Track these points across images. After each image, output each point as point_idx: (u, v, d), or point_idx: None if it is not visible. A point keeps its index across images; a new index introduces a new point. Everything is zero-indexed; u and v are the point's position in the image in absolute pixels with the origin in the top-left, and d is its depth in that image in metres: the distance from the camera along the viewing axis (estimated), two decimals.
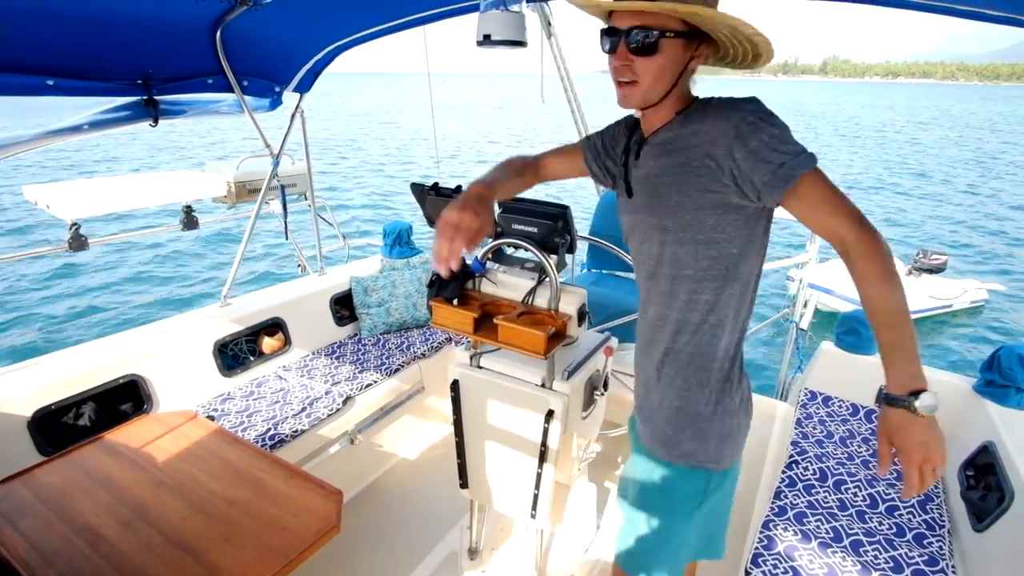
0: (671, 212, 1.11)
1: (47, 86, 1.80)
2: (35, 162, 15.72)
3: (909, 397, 0.94)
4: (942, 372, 2.54)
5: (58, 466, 1.66)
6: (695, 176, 1.07)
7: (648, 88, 1.06)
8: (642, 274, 1.25)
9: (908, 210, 16.66)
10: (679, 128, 1.11)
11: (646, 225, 1.17)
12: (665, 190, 1.11)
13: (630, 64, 1.04)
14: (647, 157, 1.16)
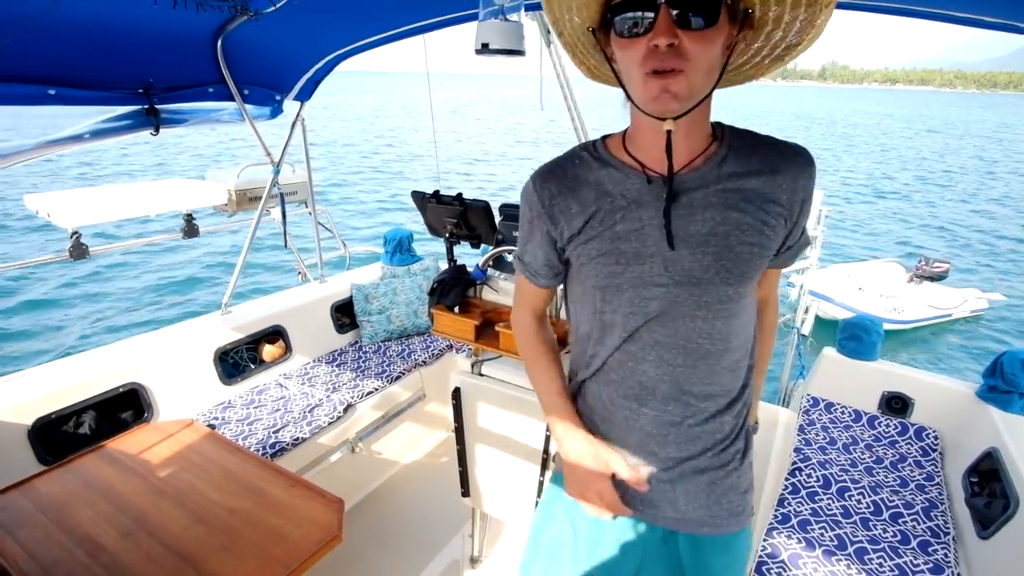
0: (751, 279, 0.92)
1: (48, 95, 1.81)
2: (32, 172, 15.77)
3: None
4: (944, 378, 2.53)
5: (58, 476, 1.66)
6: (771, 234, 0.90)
7: (698, 79, 0.78)
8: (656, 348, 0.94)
9: (910, 217, 16.66)
10: (738, 168, 0.89)
11: (708, 296, 0.90)
12: (746, 252, 0.88)
13: (677, 43, 0.75)
14: (696, 204, 0.88)
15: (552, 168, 0.97)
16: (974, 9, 1.38)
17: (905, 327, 8.34)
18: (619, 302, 0.93)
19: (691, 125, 0.85)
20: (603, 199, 0.92)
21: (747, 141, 0.91)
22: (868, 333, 2.63)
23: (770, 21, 0.79)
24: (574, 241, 0.95)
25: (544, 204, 0.96)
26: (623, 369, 0.97)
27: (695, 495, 1.01)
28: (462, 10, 1.99)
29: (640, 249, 0.89)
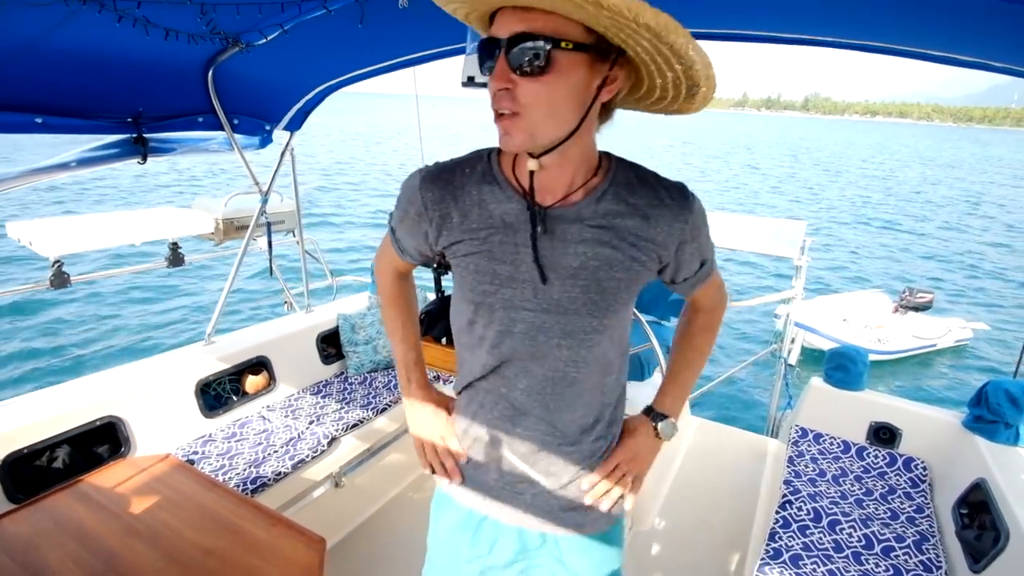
0: (617, 312, 0.95)
1: (35, 123, 1.80)
2: (16, 199, 15.61)
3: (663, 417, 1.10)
4: (931, 408, 2.54)
5: (27, 515, 1.59)
6: (640, 271, 0.93)
7: (538, 123, 0.79)
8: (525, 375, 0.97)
9: (895, 247, 16.94)
10: (614, 205, 0.90)
11: (573, 327, 0.93)
12: (613, 287, 0.91)
13: (511, 87, 0.76)
14: (569, 238, 0.90)
15: (441, 172, 0.96)
16: (949, 48, 1.42)
17: (890, 358, 8.39)
18: (490, 319, 0.96)
19: (562, 161, 0.87)
20: (484, 217, 0.93)
21: (629, 177, 0.93)
22: (854, 363, 2.64)
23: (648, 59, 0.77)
24: (452, 249, 0.97)
25: (426, 206, 0.96)
26: (496, 393, 1.01)
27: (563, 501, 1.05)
28: (450, 44, 2.03)
29: (513, 273, 0.92)
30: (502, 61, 0.76)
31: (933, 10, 1.16)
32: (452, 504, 1.12)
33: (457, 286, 1.02)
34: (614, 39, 0.75)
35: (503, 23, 0.75)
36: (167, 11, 1.44)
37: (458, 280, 1.01)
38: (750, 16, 1.51)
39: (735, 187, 27.75)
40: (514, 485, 1.04)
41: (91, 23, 1.41)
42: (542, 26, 0.73)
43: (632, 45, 0.75)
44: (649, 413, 1.11)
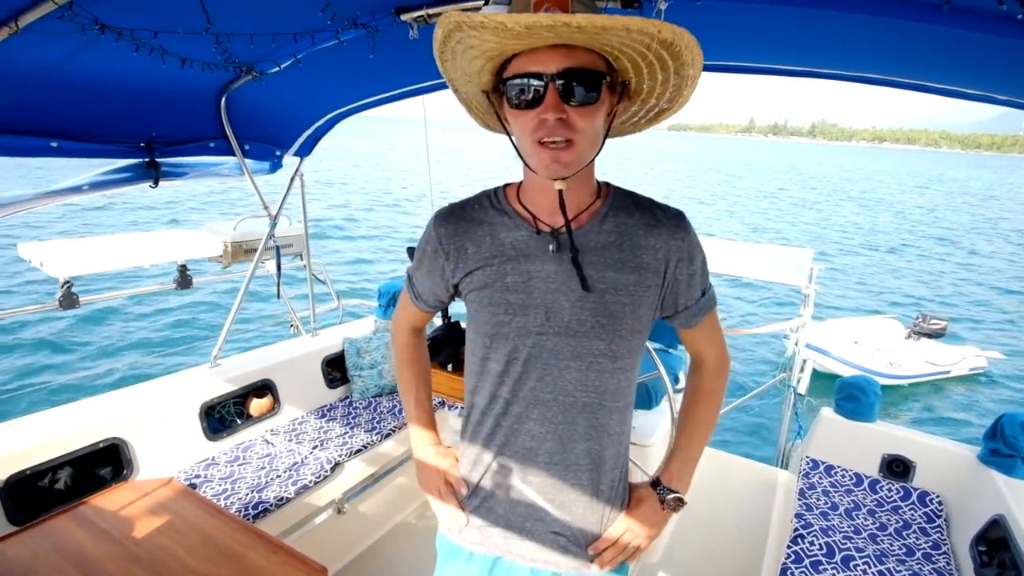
0: (625, 338, 0.96)
1: (51, 148, 1.83)
2: (25, 222, 15.85)
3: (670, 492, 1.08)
4: (945, 440, 2.49)
5: (27, 538, 1.58)
6: (645, 295, 0.96)
7: (585, 149, 0.86)
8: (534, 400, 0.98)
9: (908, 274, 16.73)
10: (616, 228, 0.95)
11: (582, 349, 0.95)
12: (619, 311, 0.94)
13: (565, 116, 0.82)
14: (581, 261, 0.93)
15: (453, 210, 1.03)
16: (954, 81, 1.43)
17: (901, 382, 8.25)
18: (504, 349, 0.98)
19: (577, 183, 0.92)
20: (496, 246, 0.98)
21: (627, 201, 0.99)
22: (865, 394, 2.60)
23: (644, 91, 0.89)
24: (466, 281, 1.01)
25: (441, 242, 1.02)
26: (508, 423, 1.01)
27: (575, 535, 1.04)
28: None
29: (526, 300, 0.95)
30: (553, 93, 0.80)
31: (936, 44, 1.17)
32: (460, 552, 1.10)
33: (472, 325, 1.04)
34: (624, 75, 0.86)
35: (542, 60, 0.80)
36: (183, 41, 1.48)
37: (472, 318, 1.03)
38: (756, 49, 1.53)
39: (746, 212, 27.74)
40: (525, 520, 1.03)
41: (108, 51, 1.45)
42: (586, 61, 0.80)
43: (640, 80, 0.86)
44: (656, 486, 1.10)
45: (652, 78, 0.85)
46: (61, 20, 1.23)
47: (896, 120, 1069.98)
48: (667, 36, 0.75)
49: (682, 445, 1.12)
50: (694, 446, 1.12)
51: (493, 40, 0.77)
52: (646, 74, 0.84)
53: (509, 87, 0.84)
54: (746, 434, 6.78)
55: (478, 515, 1.07)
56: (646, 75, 0.85)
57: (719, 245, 5.55)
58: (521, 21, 0.72)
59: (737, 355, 9.05)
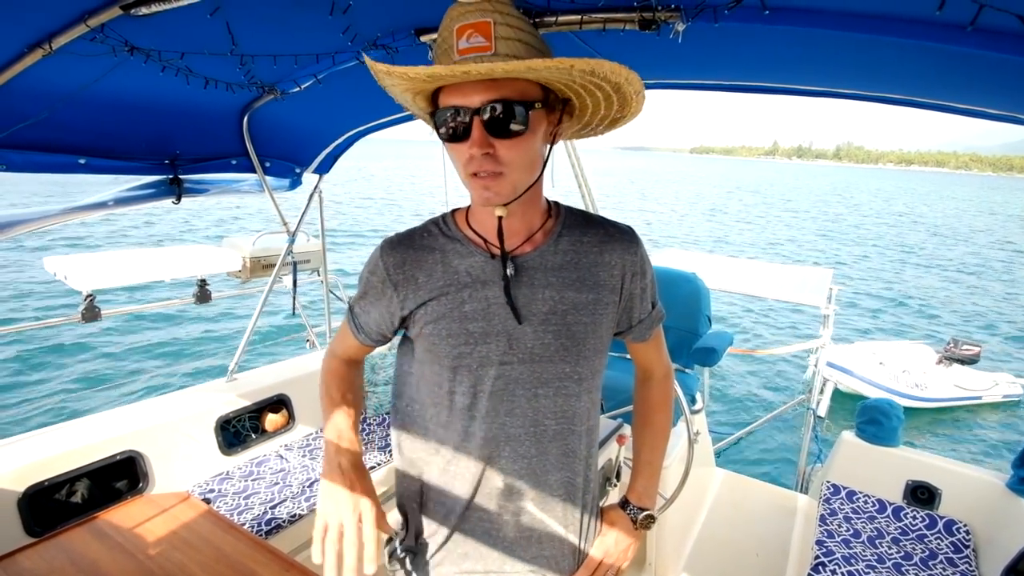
0: (588, 358, 0.95)
1: (78, 164, 1.88)
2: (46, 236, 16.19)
3: (640, 510, 1.10)
4: (971, 467, 2.42)
5: (43, 550, 1.58)
6: (604, 312, 0.96)
7: (518, 178, 0.84)
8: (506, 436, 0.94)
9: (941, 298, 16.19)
10: (571, 248, 0.95)
11: (548, 374, 0.93)
12: (581, 331, 0.93)
13: (491, 151, 0.80)
14: (536, 283, 0.92)
15: (401, 239, 0.99)
16: (977, 102, 1.41)
17: (927, 405, 7.94)
18: (468, 381, 0.94)
19: (524, 206, 0.91)
20: (449, 274, 0.94)
21: (579, 219, 0.99)
22: (888, 418, 2.54)
23: (590, 106, 0.87)
24: (420, 312, 0.95)
25: (389, 272, 0.96)
26: (483, 469, 0.96)
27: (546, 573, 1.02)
28: None
29: (487, 328, 0.92)
30: (478, 127, 0.78)
31: (959, 65, 1.16)
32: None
33: (429, 358, 0.97)
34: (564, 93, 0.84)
35: (467, 92, 0.78)
36: (209, 62, 1.51)
37: (428, 351, 0.96)
38: (777, 70, 1.53)
39: (770, 232, 27.48)
40: (504, 562, 0.99)
41: (136, 72, 1.49)
42: (511, 92, 0.78)
43: (583, 95, 0.84)
44: (625, 506, 1.12)
45: (590, 95, 0.84)
46: (92, 42, 1.27)
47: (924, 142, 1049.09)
48: (583, 67, 0.73)
49: (645, 462, 1.13)
50: (656, 460, 1.14)
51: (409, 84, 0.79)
52: (585, 93, 0.83)
53: (437, 119, 0.83)
54: (764, 457, 6.65)
55: (453, 559, 1.02)
56: (585, 94, 0.84)
57: (737, 264, 5.51)
58: (422, 72, 0.73)
59: (756, 376, 8.91)
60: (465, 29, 0.77)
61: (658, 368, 1.14)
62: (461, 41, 0.77)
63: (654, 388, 1.14)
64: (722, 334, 2.90)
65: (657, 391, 1.14)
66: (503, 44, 0.77)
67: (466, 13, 0.77)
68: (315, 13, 1.30)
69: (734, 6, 1.03)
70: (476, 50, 0.77)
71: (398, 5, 1.34)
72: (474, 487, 0.97)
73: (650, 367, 1.14)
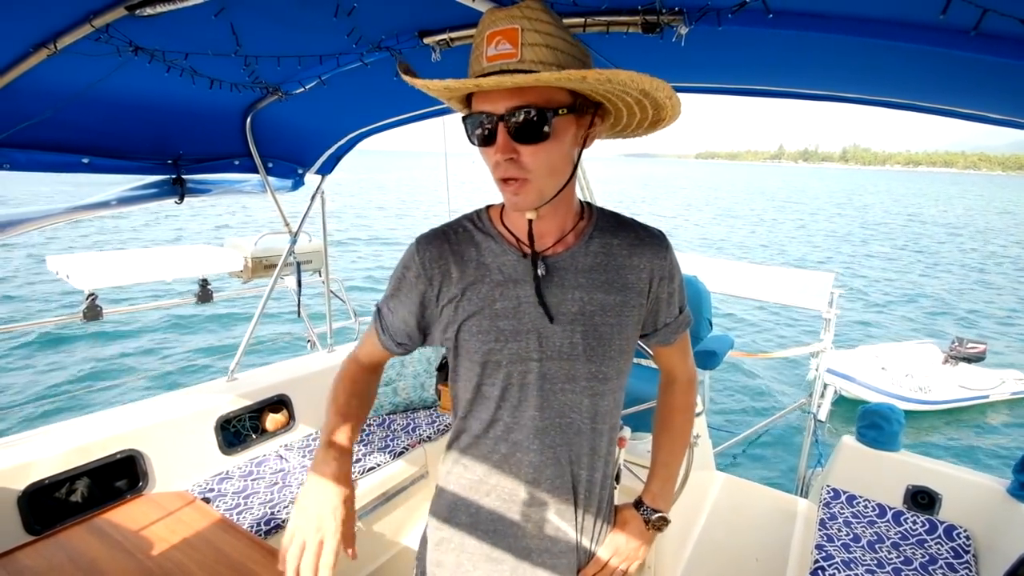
0: (613, 359, 0.96)
1: (82, 164, 1.89)
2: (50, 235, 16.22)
3: (654, 511, 1.11)
4: (972, 472, 2.42)
5: (42, 548, 1.59)
6: (631, 314, 0.97)
7: (544, 183, 0.86)
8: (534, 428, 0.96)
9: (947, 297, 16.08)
10: (601, 250, 0.96)
11: (575, 372, 0.95)
12: (608, 332, 0.95)
13: (516, 156, 0.82)
14: (567, 284, 0.94)
15: (436, 234, 1.01)
16: (980, 106, 1.41)
17: (930, 408, 7.82)
18: (498, 376, 0.96)
19: (556, 207, 0.92)
20: (482, 270, 0.96)
21: (611, 221, 1.00)
22: (888, 422, 2.54)
23: (623, 109, 0.87)
24: (451, 308, 0.97)
25: (424, 266, 0.97)
26: (509, 457, 0.98)
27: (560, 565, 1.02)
28: None
29: (517, 326, 0.94)
30: (503, 132, 0.80)
31: (962, 70, 1.16)
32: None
33: (460, 357, 0.99)
34: (595, 97, 0.84)
35: (493, 98, 0.80)
36: (213, 62, 1.52)
37: (462, 348, 0.98)
38: (781, 74, 1.53)
39: (776, 237, 27.46)
40: (520, 545, 1.01)
41: (140, 72, 1.49)
42: (536, 98, 0.79)
43: (615, 101, 0.84)
44: (639, 506, 1.12)
45: (620, 100, 0.84)
46: (97, 42, 1.28)
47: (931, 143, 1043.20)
48: (596, 77, 0.74)
49: (661, 463, 1.14)
50: (673, 463, 1.14)
51: (428, 92, 0.84)
52: (612, 98, 0.84)
53: (468, 124, 0.85)
54: (764, 461, 6.64)
55: (469, 546, 1.03)
56: (613, 99, 0.84)
57: (738, 268, 5.50)
58: (439, 85, 0.79)
59: (757, 379, 8.90)
60: (495, 36, 0.79)
61: (682, 373, 1.15)
62: (490, 48, 0.79)
63: (677, 393, 1.15)
64: (723, 337, 2.90)
65: (680, 396, 1.15)
66: (530, 51, 0.77)
67: (497, 19, 0.79)
68: (320, 15, 1.30)
69: (738, 10, 1.03)
70: (503, 57, 0.78)
71: (402, 8, 1.35)
72: (499, 472, 0.99)
73: (674, 371, 1.15)
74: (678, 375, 1.15)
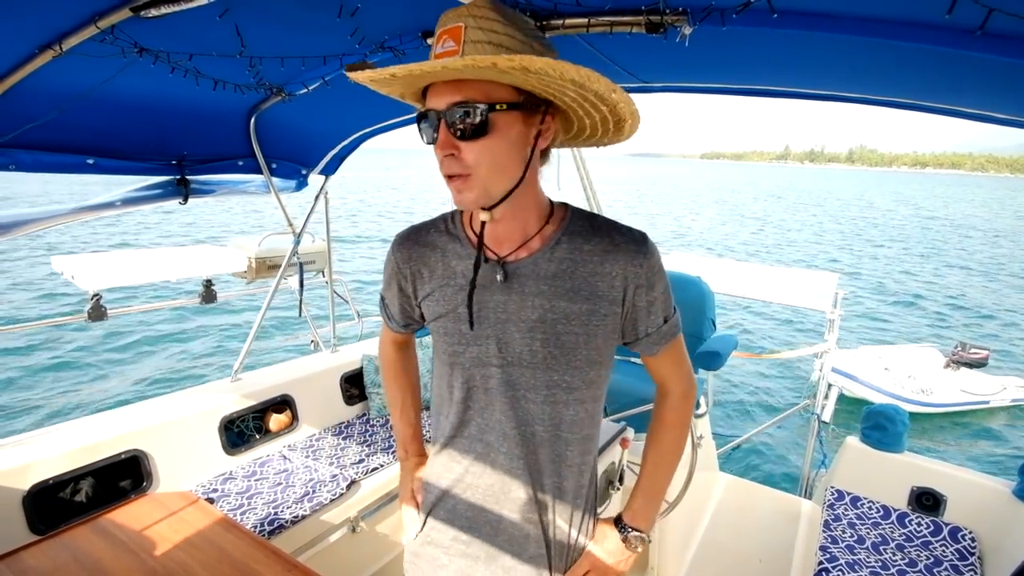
0: (580, 368, 0.94)
1: (87, 164, 1.89)
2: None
3: (632, 530, 1.07)
4: (978, 474, 2.41)
5: (47, 548, 1.59)
6: (601, 323, 0.93)
7: (487, 180, 0.84)
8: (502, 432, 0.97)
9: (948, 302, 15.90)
10: (568, 255, 0.92)
11: (537, 380, 0.94)
12: (572, 341, 0.92)
13: (456, 152, 0.81)
14: (527, 291, 0.92)
15: (409, 233, 1.04)
16: (985, 106, 1.41)
17: (933, 411, 7.84)
18: (463, 378, 0.98)
19: (514, 210, 0.90)
20: (448, 272, 0.98)
21: (584, 225, 0.95)
22: (893, 423, 2.53)
23: (574, 105, 0.83)
24: (424, 307, 1.03)
25: (398, 265, 1.04)
26: (474, 452, 1.01)
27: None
28: None
29: (478, 330, 0.94)
30: (443, 129, 0.81)
31: (968, 70, 1.15)
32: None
33: (435, 352, 1.05)
34: (542, 94, 0.82)
35: (438, 95, 0.81)
36: (217, 64, 1.52)
37: (435, 345, 1.04)
38: (785, 74, 1.53)
39: (782, 240, 27.33)
40: (502, 554, 1.01)
41: (145, 73, 1.50)
42: (474, 94, 0.79)
43: (560, 96, 0.81)
44: (618, 523, 1.09)
45: (564, 94, 0.81)
46: (102, 43, 1.28)
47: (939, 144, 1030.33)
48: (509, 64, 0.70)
49: (646, 480, 1.09)
50: (659, 481, 1.09)
51: (382, 88, 0.85)
52: (557, 92, 0.80)
53: (420, 124, 0.86)
54: (767, 462, 6.62)
55: (442, 540, 1.06)
56: (558, 93, 0.81)
57: (742, 268, 5.49)
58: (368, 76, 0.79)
59: (761, 380, 8.88)
60: (443, 34, 0.80)
61: (675, 385, 1.07)
62: (438, 46, 0.80)
63: (668, 407, 1.07)
64: (726, 338, 2.90)
65: (671, 411, 1.07)
66: (471, 47, 0.77)
67: (447, 19, 0.80)
68: (323, 16, 1.31)
69: (742, 9, 1.03)
70: (447, 54, 0.78)
71: (405, 8, 1.35)
72: (461, 478, 1.03)
73: (666, 383, 1.07)
74: (671, 388, 1.07)
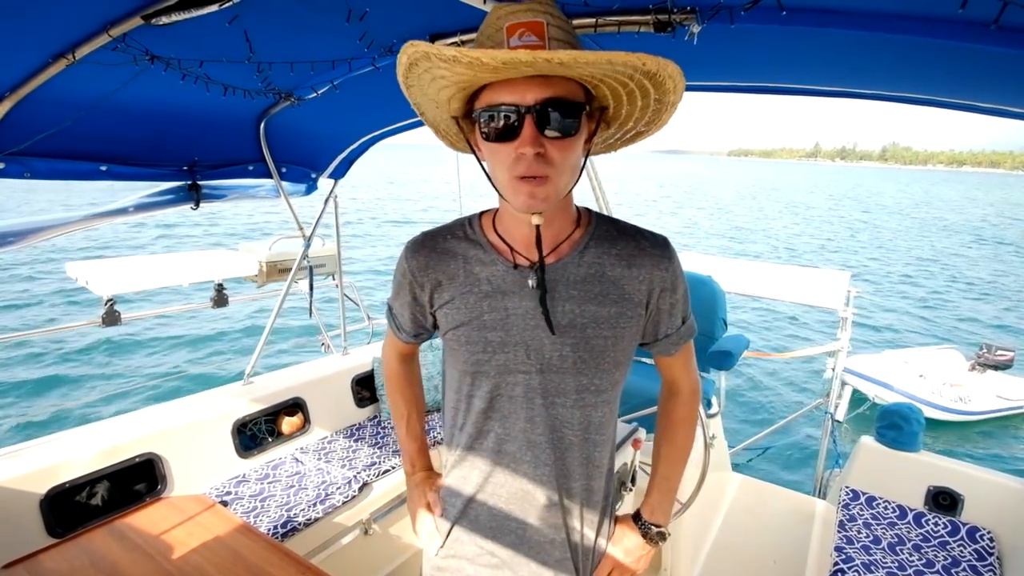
0: (607, 371, 0.94)
1: (100, 171, 1.91)
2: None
3: (652, 526, 1.09)
4: (995, 473, 2.37)
5: (65, 551, 1.61)
6: (627, 326, 0.94)
7: (563, 182, 0.82)
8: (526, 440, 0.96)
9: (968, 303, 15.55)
10: (597, 259, 0.93)
11: (565, 385, 0.93)
12: (601, 345, 0.92)
13: (543, 151, 0.77)
14: (557, 296, 0.91)
15: (424, 240, 1.00)
16: (1002, 101, 1.39)
17: (972, 419, 7.58)
18: (487, 387, 0.96)
19: (555, 214, 0.90)
20: (470, 280, 0.95)
21: (609, 229, 0.96)
22: (908, 422, 2.50)
23: (623, 116, 0.85)
24: (441, 316, 0.99)
25: (413, 273, 0.99)
26: (501, 468, 0.98)
27: None
28: None
29: (505, 338, 0.92)
30: (531, 126, 0.76)
31: (984, 64, 1.14)
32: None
33: (450, 362, 1.02)
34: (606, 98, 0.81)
35: (517, 90, 0.75)
36: (227, 69, 1.53)
37: (450, 355, 1.01)
38: (796, 71, 1.51)
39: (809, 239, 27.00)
40: (518, 553, 1.01)
41: (156, 80, 1.51)
42: (567, 91, 0.76)
43: (621, 94, 0.80)
44: (638, 520, 1.10)
45: (632, 104, 0.82)
46: (114, 52, 1.30)
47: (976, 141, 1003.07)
48: (651, 68, 0.71)
49: (661, 476, 1.11)
50: (673, 476, 1.11)
51: (467, 73, 0.73)
52: (626, 101, 0.81)
53: (482, 118, 0.79)
54: (781, 462, 6.57)
55: (467, 551, 1.04)
56: (626, 102, 0.81)
57: (755, 268, 5.46)
58: (498, 57, 0.67)
59: (773, 380, 8.80)
60: (517, 27, 0.75)
61: (685, 384, 1.10)
62: (512, 39, 0.75)
63: (679, 405, 1.10)
64: (738, 338, 2.88)
65: (682, 408, 1.10)
66: (556, 44, 0.76)
67: (516, 12, 0.76)
68: (332, 20, 1.31)
69: (750, 7, 1.02)
70: (531, 47, 0.74)
71: (414, 12, 1.35)
72: (482, 487, 1.01)
73: (676, 382, 1.10)
74: (681, 386, 1.10)
